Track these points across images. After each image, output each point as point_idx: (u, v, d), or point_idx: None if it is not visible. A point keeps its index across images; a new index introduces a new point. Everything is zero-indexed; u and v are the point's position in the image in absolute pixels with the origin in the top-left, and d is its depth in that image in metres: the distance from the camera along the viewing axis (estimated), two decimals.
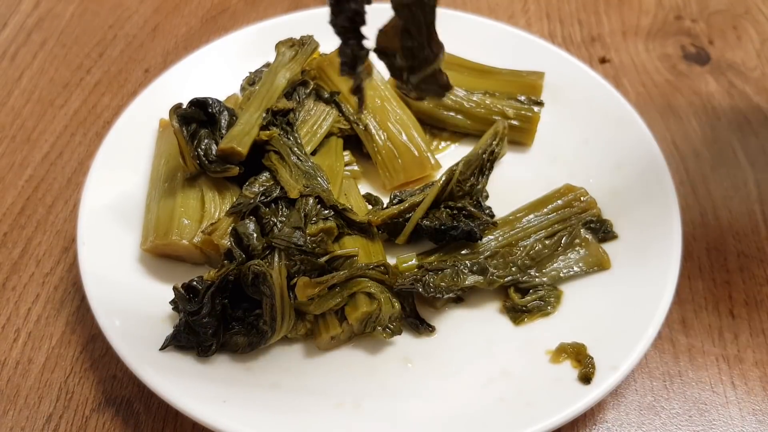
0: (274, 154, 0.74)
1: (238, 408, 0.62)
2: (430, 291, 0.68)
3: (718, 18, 1.09)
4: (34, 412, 0.69)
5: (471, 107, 0.84)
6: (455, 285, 0.69)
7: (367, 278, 0.67)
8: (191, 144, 0.72)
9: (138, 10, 1.10)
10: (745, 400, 0.69)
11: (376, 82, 0.84)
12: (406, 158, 0.80)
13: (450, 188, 0.74)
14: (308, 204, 0.70)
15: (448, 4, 1.10)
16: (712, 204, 0.84)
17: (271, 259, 0.66)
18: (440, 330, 0.69)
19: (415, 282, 0.68)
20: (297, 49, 0.83)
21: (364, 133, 0.81)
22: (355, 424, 0.62)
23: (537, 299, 0.70)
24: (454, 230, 0.71)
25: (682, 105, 0.96)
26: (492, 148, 0.78)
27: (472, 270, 0.70)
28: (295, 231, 0.67)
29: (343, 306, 0.67)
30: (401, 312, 0.68)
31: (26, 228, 0.83)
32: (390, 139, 0.81)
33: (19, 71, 1.01)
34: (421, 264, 0.71)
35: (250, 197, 0.71)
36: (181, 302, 0.66)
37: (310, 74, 0.84)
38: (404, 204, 0.74)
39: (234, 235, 0.67)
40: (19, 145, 0.92)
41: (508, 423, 0.61)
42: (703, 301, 0.76)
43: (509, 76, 0.87)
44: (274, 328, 0.65)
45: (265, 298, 0.65)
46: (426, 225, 0.73)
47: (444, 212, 0.74)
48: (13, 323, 0.75)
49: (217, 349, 0.66)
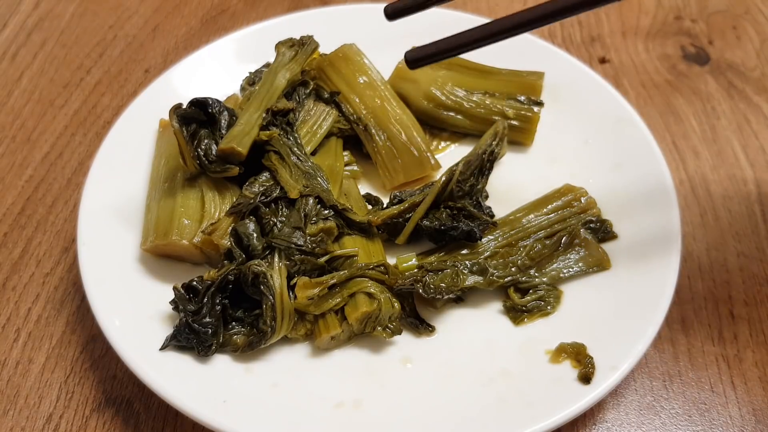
0: (274, 154, 0.74)
1: (238, 408, 0.62)
2: (431, 292, 0.68)
3: (718, 18, 1.09)
4: (34, 412, 0.69)
5: (471, 107, 0.84)
6: (455, 285, 0.69)
7: (367, 278, 0.67)
8: (191, 144, 0.72)
9: (138, 11, 1.10)
10: (745, 400, 0.69)
11: (376, 81, 0.84)
12: (406, 158, 0.80)
13: (450, 188, 0.74)
14: (308, 204, 0.70)
15: (448, 4, 1.09)
16: (712, 204, 0.84)
17: (271, 260, 0.66)
18: (440, 330, 0.69)
19: (415, 282, 0.68)
20: (297, 49, 0.83)
21: (364, 133, 0.81)
22: (355, 424, 0.62)
23: (537, 299, 0.70)
24: (454, 230, 0.71)
25: (682, 105, 0.96)
26: (492, 149, 0.78)
27: (472, 270, 0.70)
28: (295, 231, 0.67)
29: (343, 306, 0.67)
30: (401, 312, 0.68)
31: (26, 228, 0.83)
32: (390, 139, 0.80)
33: (19, 71, 1.01)
34: (421, 264, 0.71)
35: (250, 197, 0.71)
36: (181, 302, 0.66)
37: (310, 74, 0.84)
38: (404, 204, 0.74)
39: (234, 235, 0.67)
40: (19, 146, 0.92)
41: (508, 423, 0.61)
42: (703, 301, 0.76)
43: (509, 76, 0.87)
44: (274, 328, 0.65)
45: (265, 298, 0.65)
46: (426, 225, 0.72)
47: (444, 212, 0.73)
48: (14, 323, 0.75)
49: (217, 349, 0.66)
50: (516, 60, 0.88)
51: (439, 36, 0.94)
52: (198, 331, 0.65)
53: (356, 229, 0.72)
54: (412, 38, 0.89)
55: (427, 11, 0.99)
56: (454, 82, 0.86)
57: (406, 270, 0.71)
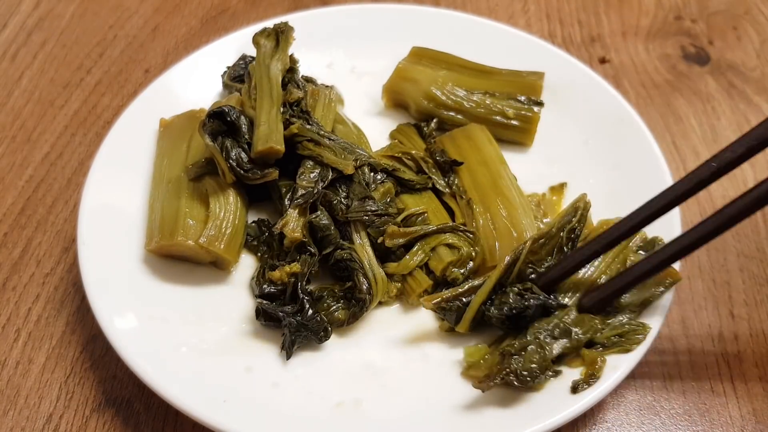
0: (308, 142, 0.75)
1: (238, 408, 0.62)
2: (527, 380, 0.60)
3: (718, 18, 1.09)
4: (34, 412, 0.69)
5: (471, 107, 0.84)
6: (545, 361, 0.61)
7: (445, 232, 0.71)
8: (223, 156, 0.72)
9: (138, 11, 1.10)
10: (745, 400, 0.69)
11: (494, 160, 0.78)
12: (505, 241, 0.72)
13: (517, 269, 0.66)
14: (365, 174, 0.74)
15: (448, 4, 1.10)
16: (711, 204, 0.84)
17: (351, 236, 0.70)
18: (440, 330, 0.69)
19: (506, 375, 0.60)
20: (276, 37, 0.82)
21: (466, 207, 0.76)
22: (355, 424, 0.62)
23: (616, 335, 0.65)
24: (528, 310, 0.64)
25: (682, 105, 0.96)
26: (572, 225, 0.69)
27: (554, 335, 0.64)
28: (365, 200, 0.71)
29: (427, 261, 0.71)
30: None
31: (26, 228, 0.83)
32: (492, 218, 0.73)
33: (20, 71, 1.01)
34: (502, 351, 0.62)
35: (310, 186, 0.71)
36: (275, 311, 0.67)
37: (293, 59, 0.83)
38: (462, 287, 0.67)
39: (309, 228, 0.70)
40: (20, 146, 0.92)
41: (508, 423, 0.61)
42: (703, 301, 0.76)
43: (509, 76, 0.86)
44: (371, 293, 0.68)
45: (356, 272, 0.68)
46: (494, 313, 0.65)
47: (510, 294, 0.65)
48: (14, 323, 0.75)
49: (331, 329, 0.68)
50: (516, 60, 0.88)
51: (439, 36, 0.94)
52: (309, 325, 0.66)
53: (406, 187, 0.76)
54: (412, 38, 0.90)
55: (427, 11, 0.99)
56: (454, 82, 0.85)
57: (473, 362, 0.64)
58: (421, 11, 0.96)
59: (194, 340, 0.67)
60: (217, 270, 0.73)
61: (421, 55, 0.88)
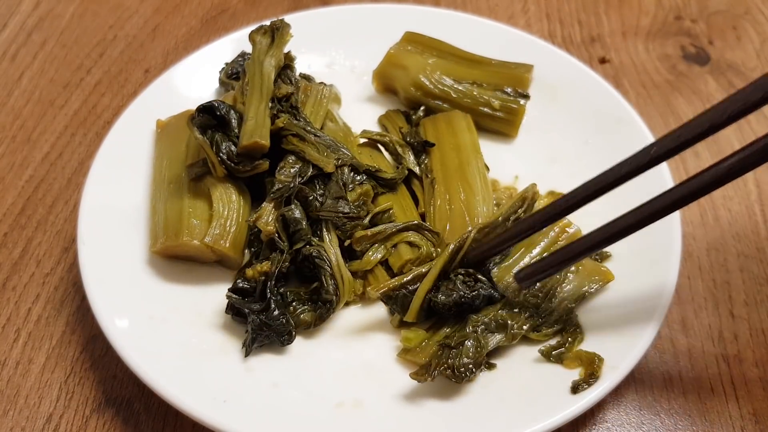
0: (293, 137, 0.75)
1: (238, 408, 0.62)
2: (463, 375, 0.62)
3: (718, 18, 1.09)
4: (34, 412, 0.69)
5: (457, 97, 0.84)
6: (480, 355, 0.63)
7: (408, 230, 0.72)
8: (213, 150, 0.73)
9: (138, 11, 1.10)
10: (745, 400, 0.69)
11: (467, 146, 0.79)
12: (457, 222, 0.74)
13: (460, 257, 0.68)
14: (344, 173, 0.74)
15: (448, 4, 1.10)
16: (712, 204, 0.84)
17: (321, 234, 0.70)
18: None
19: (444, 370, 0.61)
20: (271, 34, 0.83)
21: (429, 186, 0.77)
22: (355, 424, 0.62)
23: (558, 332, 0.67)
24: (476, 299, 0.66)
25: (682, 105, 0.96)
26: (519, 215, 0.70)
27: (490, 328, 0.65)
28: (338, 201, 0.71)
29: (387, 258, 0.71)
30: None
31: (26, 228, 0.83)
32: (450, 200, 0.75)
33: (20, 71, 1.01)
34: (442, 342, 0.64)
35: (288, 181, 0.71)
36: (243, 306, 0.67)
37: (290, 56, 0.84)
38: (407, 275, 0.68)
39: (282, 221, 0.70)
40: (20, 146, 0.92)
41: (508, 423, 0.61)
42: (703, 301, 0.76)
43: (498, 67, 0.87)
44: (338, 294, 0.69)
45: (323, 271, 0.68)
46: (442, 300, 0.66)
47: (457, 281, 0.67)
48: (14, 323, 0.75)
49: (295, 333, 0.68)
50: (516, 60, 0.88)
51: (439, 35, 0.94)
52: (272, 325, 0.66)
53: (386, 186, 0.77)
54: None
55: (427, 11, 1.00)
56: (442, 71, 0.86)
57: (409, 346, 0.65)
58: (421, 11, 0.96)
59: (194, 340, 0.67)
60: (217, 270, 0.73)
61: (413, 41, 0.88)
